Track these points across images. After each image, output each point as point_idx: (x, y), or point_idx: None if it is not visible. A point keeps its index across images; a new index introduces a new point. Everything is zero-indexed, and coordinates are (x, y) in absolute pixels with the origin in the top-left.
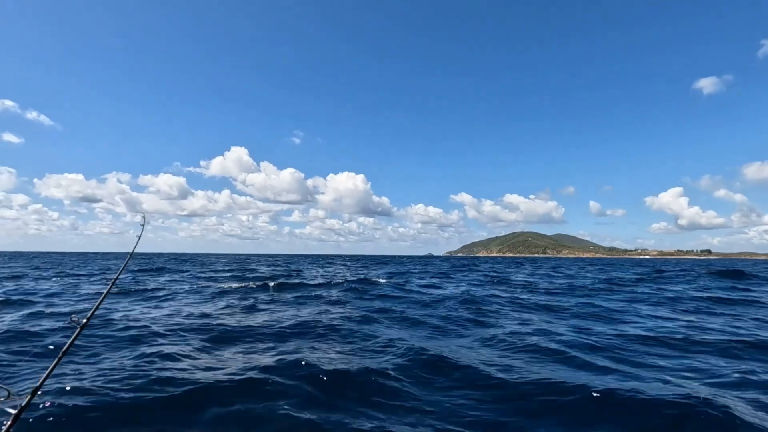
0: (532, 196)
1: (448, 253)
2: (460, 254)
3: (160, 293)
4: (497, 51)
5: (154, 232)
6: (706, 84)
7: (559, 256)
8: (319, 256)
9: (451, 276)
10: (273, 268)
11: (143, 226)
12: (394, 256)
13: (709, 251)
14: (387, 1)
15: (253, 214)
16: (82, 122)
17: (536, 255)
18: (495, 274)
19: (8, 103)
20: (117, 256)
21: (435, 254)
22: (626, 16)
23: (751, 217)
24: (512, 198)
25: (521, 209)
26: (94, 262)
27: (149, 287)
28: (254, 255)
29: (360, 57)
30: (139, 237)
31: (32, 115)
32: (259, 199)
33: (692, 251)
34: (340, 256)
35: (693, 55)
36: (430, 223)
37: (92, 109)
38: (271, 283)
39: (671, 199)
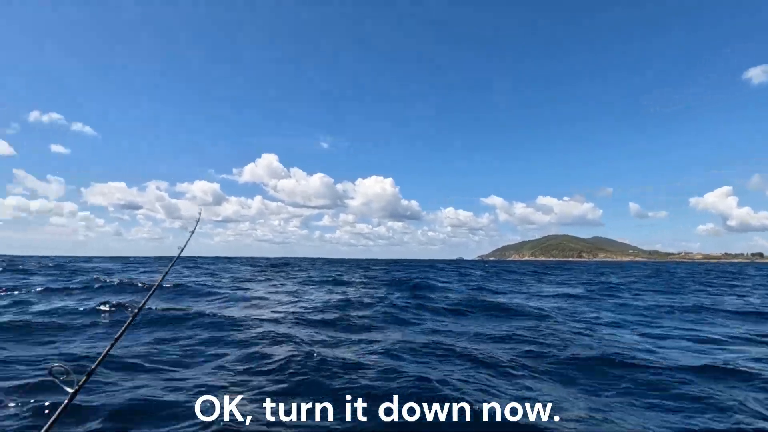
0: (566, 198)
1: (479, 257)
2: (492, 258)
3: None
4: (528, 55)
5: (193, 238)
6: (757, 73)
7: (596, 260)
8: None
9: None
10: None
11: (198, 221)
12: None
13: (761, 254)
14: (402, 7)
15: (284, 219)
16: (123, 132)
17: (571, 259)
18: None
19: (55, 115)
20: (160, 259)
21: (466, 258)
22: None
23: None
24: (545, 200)
25: (555, 211)
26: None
27: None
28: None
29: (386, 62)
30: (192, 232)
31: (77, 126)
32: (289, 204)
33: (741, 254)
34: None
35: (742, 46)
36: (460, 227)
37: (130, 119)
38: None
39: (717, 199)
